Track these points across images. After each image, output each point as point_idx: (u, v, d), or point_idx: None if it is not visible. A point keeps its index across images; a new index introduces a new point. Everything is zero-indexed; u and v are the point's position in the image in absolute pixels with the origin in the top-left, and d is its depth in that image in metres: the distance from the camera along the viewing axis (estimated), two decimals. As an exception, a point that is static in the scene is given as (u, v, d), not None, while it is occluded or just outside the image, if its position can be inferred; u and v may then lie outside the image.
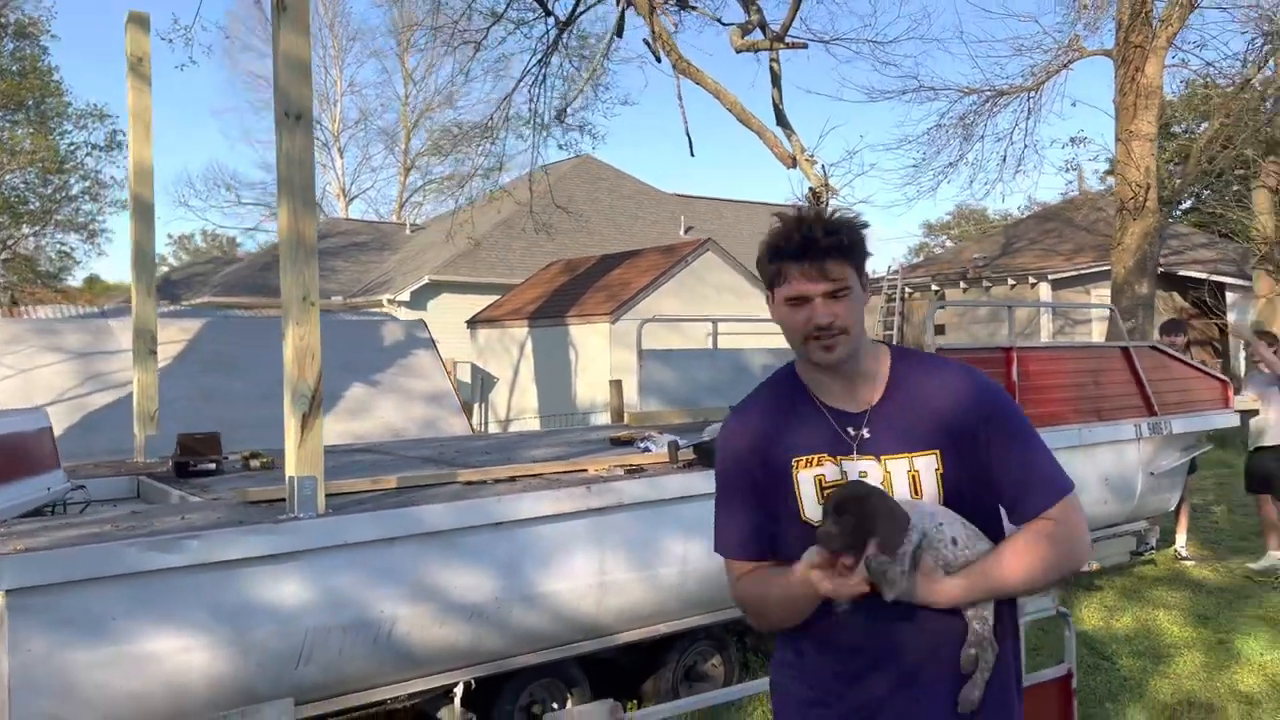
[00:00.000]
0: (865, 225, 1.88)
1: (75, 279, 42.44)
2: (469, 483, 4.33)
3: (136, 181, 5.41)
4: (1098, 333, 18.14)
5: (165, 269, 41.43)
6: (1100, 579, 7.17)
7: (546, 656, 4.23)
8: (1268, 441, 7.57)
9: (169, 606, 3.23)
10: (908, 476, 1.82)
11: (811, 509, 1.86)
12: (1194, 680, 5.22)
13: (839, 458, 1.85)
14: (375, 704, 3.81)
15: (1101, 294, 18.82)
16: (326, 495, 3.68)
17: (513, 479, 4.45)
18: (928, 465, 1.81)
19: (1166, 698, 4.98)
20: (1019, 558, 1.80)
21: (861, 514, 1.68)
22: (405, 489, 4.17)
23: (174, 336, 6.89)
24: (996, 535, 1.88)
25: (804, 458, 1.88)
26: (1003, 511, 1.90)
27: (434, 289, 22.57)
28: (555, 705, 4.47)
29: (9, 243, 33.44)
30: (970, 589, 1.78)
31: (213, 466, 4.82)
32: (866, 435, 1.85)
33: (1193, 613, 6.40)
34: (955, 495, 1.83)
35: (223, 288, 25.66)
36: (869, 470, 1.83)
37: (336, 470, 3.98)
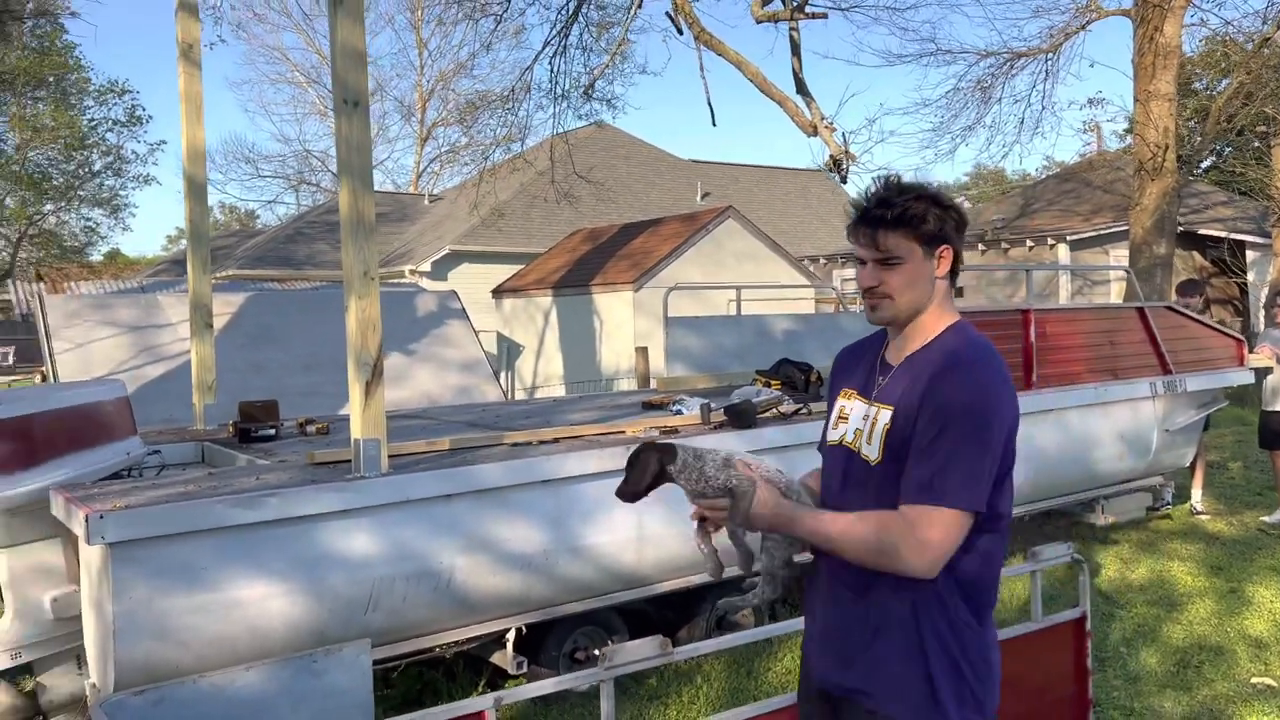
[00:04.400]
0: (929, 197, 1.98)
1: (98, 254, 43.00)
2: (516, 444, 4.61)
3: (189, 162, 5.67)
4: (1116, 294, 18.22)
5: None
6: (1116, 533, 7.41)
7: (591, 605, 4.52)
8: None
9: (252, 557, 3.52)
10: (868, 423, 2.04)
11: (830, 434, 2.16)
12: (1205, 625, 5.46)
13: (865, 398, 2.09)
14: (436, 647, 4.11)
15: (1120, 255, 18.86)
16: (387, 456, 3.96)
17: (556, 440, 4.72)
18: (883, 419, 2.01)
19: (1179, 641, 5.23)
20: (838, 522, 1.93)
21: (630, 466, 2.08)
22: (458, 450, 4.45)
23: (219, 309, 7.17)
24: None
25: (846, 390, 2.17)
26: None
27: (455, 259, 22.82)
28: (597, 652, 4.76)
29: (34, 219, 33.89)
30: (775, 517, 1.98)
31: (272, 432, 5.12)
32: (883, 383, 2.07)
33: (1206, 564, 6.63)
34: (891, 454, 1.98)
35: (246, 261, 25.98)
36: (867, 413, 2.05)
37: (390, 434, 4.24)
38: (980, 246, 20.98)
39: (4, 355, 25.43)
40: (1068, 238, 19.30)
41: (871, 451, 2.01)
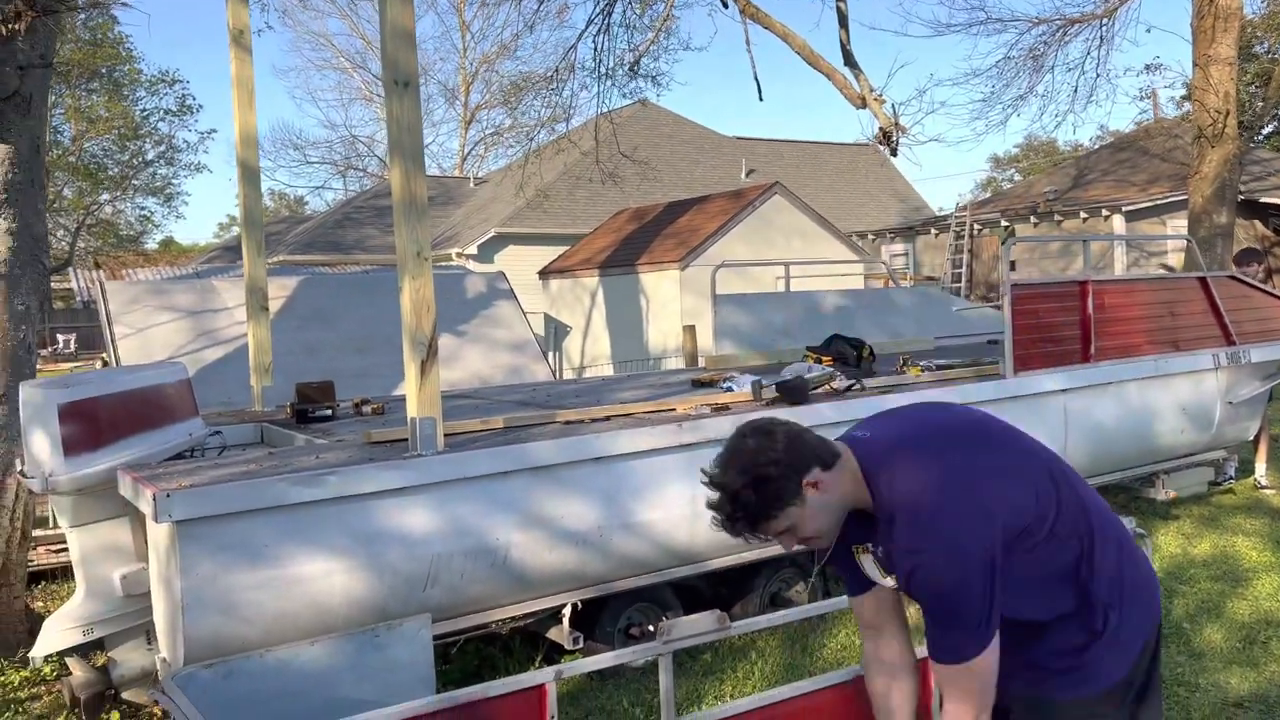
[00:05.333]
0: (746, 488, 1.99)
1: (152, 242, 43.90)
2: (568, 422, 4.63)
3: (243, 147, 5.75)
4: (1175, 263, 17.78)
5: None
6: (1178, 508, 7.26)
7: (645, 581, 4.54)
8: None
9: (313, 534, 3.59)
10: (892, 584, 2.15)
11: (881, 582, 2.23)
12: (1272, 601, 5.34)
13: (873, 557, 2.17)
14: (494, 623, 4.16)
15: (1178, 225, 18.40)
16: (443, 435, 4.00)
17: (608, 418, 4.74)
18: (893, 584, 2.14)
19: (1244, 618, 5.13)
20: None
21: None
22: (511, 428, 4.48)
23: (274, 293, 7.27)
24: None
25: (855, 546, 2.21)
26: None
27: (500, 241, 22.94)
28: (651, 628, 4.79)
29: (91, 209, 34.67)
30: None
31: (328, 412, 5.19)
32: (880, 554, 2.14)
33: (1272, 539, 6.47)
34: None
35: (297, 246, 26.35)
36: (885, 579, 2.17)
37: (445, 414, 4.28)
38: (1032, 219, 20.59)
39: (66, 342, 26.12)
40: (1123, 208, 18.88)
41: (913, 606, 2.14)
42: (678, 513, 4.48)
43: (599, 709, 4.37)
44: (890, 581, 2.16)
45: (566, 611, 4.39)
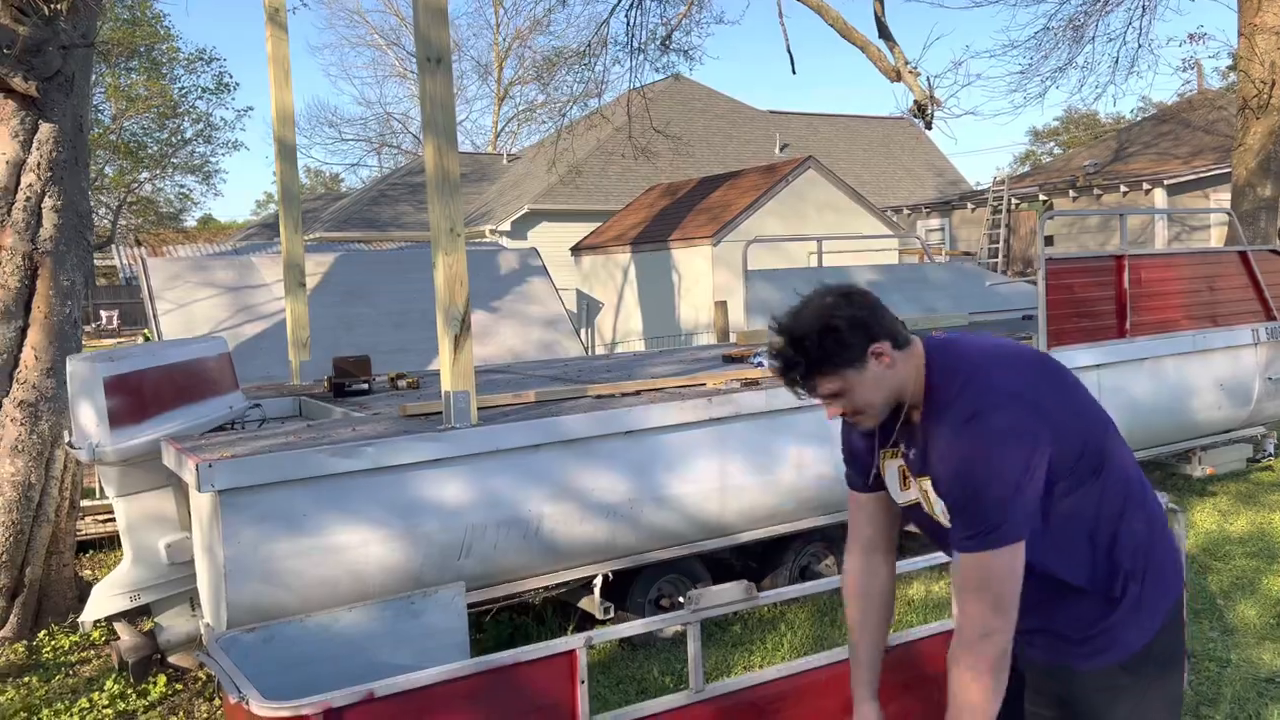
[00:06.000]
0: (820, 332, 1.95)
1: (191, 219, 44.50)
2: (599, 396, 4.68)
3: (279, 124, 5.83)
4: (1216, 240, 17.46)
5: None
6: (1216, 484, 7.20)
7: (675, 553, 4.59)
8: None
9: (350, 504, 3.68)
10: (922, 494, 2.11)
11: (898, 496, 2.21)
12: (1308, 578, 5.30)
13: (906, 463, 2.14)
14: (526, 592, 4.25)
15: (1221, 198, 18.03)
16: (476, 408, 4.06)
17: (639, 392, 4.78)
18: (929, 487, 2.07)
19: (1279, 594, 5.09)
20: (960, 699, 1.96)
21: None
22: (543, 402, 4.54)
23: (311, 270, 7.38)
24: None
25: (886, 450, 2.19)
26: None
27: (533, 218, 23.00)
28: (681, 599, 4.85)
29: (132, 186, 35.18)
30: None
31: (365, 386, 5.29)
32: (911, 455, 2.10)
33: (1310, 516, 6.40)
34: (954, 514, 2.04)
35: (333, 223, 26.57)
36: (912, 482, 2.13)
37: (478, 388, 4.35)
38: (1071, 193, 20.28)
39: (109, 318, 26.59)
40: (1165, 182, 18.53)
41: (943, 518, 2.07)
42: (708, 486, 4.52)
43: (630, 677, 4.45)
44: (908, 496, 2.14)
45: (598, 582, 4.46)
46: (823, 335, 1.95)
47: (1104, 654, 2.06)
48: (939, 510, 2.07)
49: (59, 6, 5.23)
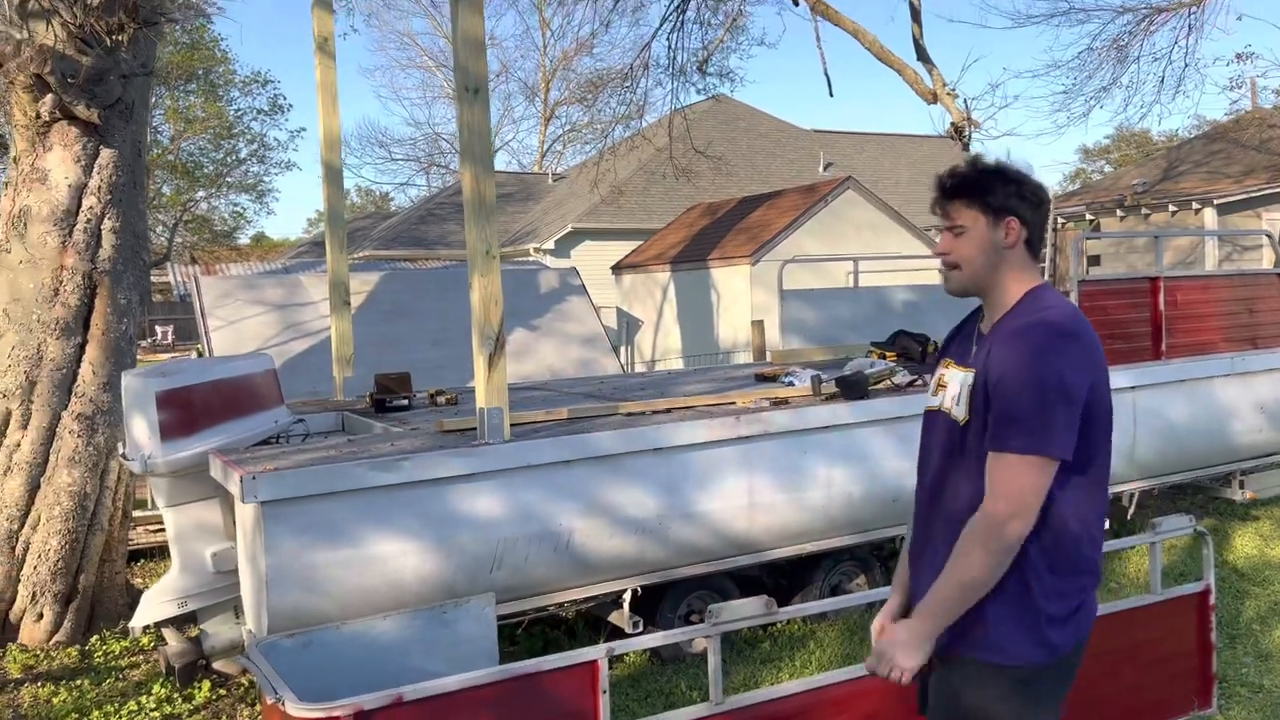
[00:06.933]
0: (996, 170, 2.13)
1: (245, 237, 45.52)
2: (631, 414, 4.78)
3: (327, 149, 6.04)
4: (1268, 260, 17.14)
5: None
6: (1258, 509, 7.09)
7: (704, 569, 4.67)
8: None
9: (387, 516, 3.81)
10: (960, 387, 2.16)
11: (930, 401, 2.29)
12: (1348, 605, 5.22)
13: (961, 366, 2.20)
14: (557, 605, 4.34)
15: (1274, 218, 17.72)
16: (510, 424, 4.19)
17: (669, 410, 4.88)
18: (968, 380, 2.13)
19: (1317, 621, 5.03)
20: (950, 576, 2.02)
21: None
22: (576, 419, 4.65)
23: (356, 288, 7.59)
24: None
25: (946, 360, 2.29)
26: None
27: (577, 236, 23.24)
28: (711, 616, 4.92)
29: (188, 205, 36.14)
30: (916, 639, 2.04)
31: (405, 402, 5.44)
32: (975, 352, 2.19)
33: (1354, 542, 6.30)
34: (975, 413, 2.10)
35: (381, 242, 27.03)
36: (960, 379, 2.17)
37: (513, 404, 4.48)
38: (1119, 212, 20.05)
39: (164, 334, 27.26)
40: (1215, 201, 18.25)
41: (960, 412, 2.13)
42: (736, 503, 4.59)
43: (658, 691, 4.52)
44: (934, 401, 2.22)
45: (627, 596, 4.54)
46: (995, 174, 2.13)
47: (1038, 649, 2.07)
48: (957, 407, 2.12)
49: (120, 38, 5.49)
